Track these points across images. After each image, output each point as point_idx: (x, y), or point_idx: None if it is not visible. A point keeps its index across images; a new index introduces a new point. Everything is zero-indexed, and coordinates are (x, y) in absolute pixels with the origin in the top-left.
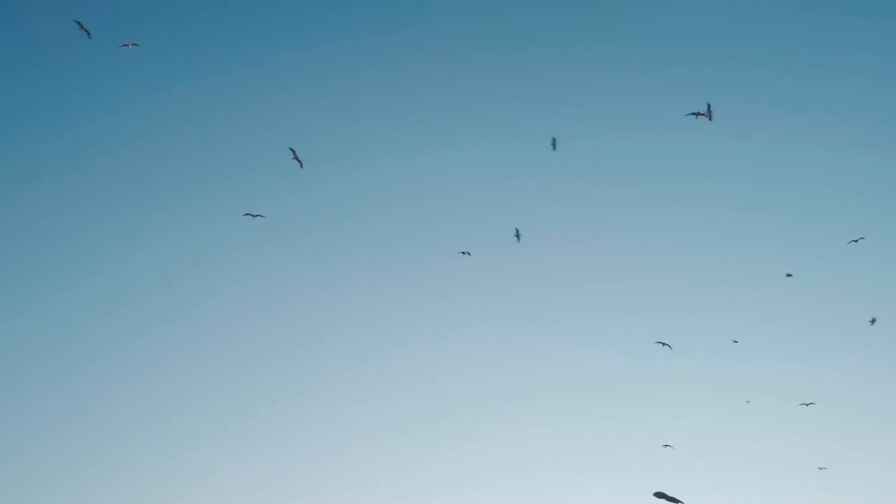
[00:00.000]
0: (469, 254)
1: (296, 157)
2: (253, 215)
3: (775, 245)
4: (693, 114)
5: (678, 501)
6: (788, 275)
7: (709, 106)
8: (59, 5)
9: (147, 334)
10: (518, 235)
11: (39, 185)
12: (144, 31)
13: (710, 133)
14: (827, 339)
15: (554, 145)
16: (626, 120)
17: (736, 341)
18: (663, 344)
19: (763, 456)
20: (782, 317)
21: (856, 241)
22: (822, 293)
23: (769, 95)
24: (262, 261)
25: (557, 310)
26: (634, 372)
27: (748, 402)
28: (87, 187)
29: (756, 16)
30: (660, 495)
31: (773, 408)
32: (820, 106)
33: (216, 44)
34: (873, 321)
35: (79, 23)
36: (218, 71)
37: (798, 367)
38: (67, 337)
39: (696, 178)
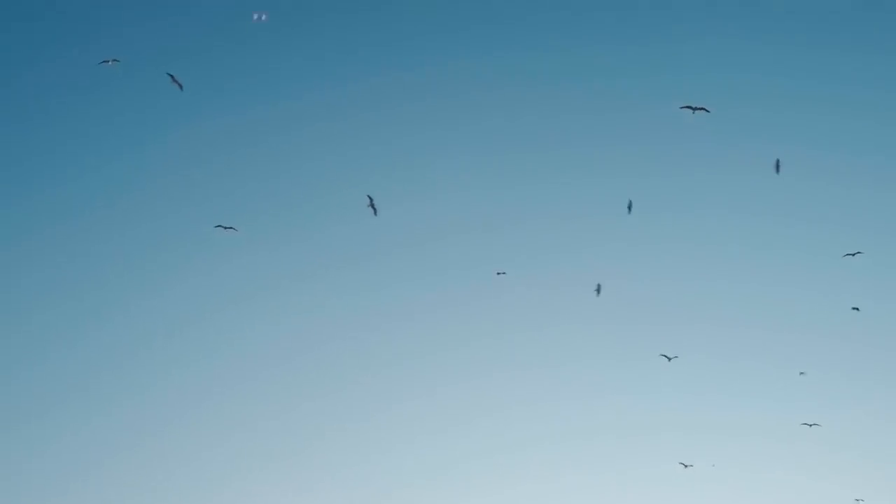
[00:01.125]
0: (505, 273)
1: (371, 205)
2: (225, 227)
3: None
4: (689, 107)
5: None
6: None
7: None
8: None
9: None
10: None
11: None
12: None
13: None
14: None
15: (630, 208)
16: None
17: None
18: (668, 358)
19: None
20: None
21: (853, 255)
22: None
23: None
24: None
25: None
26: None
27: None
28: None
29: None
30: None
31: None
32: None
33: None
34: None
35: (171, 75)
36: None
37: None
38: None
39: (705, 216)
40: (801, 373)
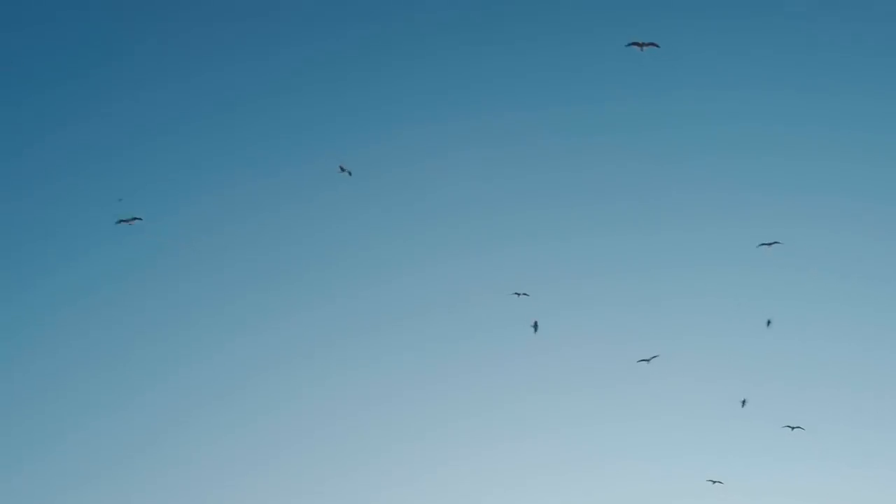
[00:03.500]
0: (527, 294)
1: (344, 170)
2: (128, 221)
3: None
4: (636, 44)
5: None
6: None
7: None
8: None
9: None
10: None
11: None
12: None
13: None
14: None
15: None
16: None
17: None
18: (647, 360)
19: None
20: None
21: (769, 244)
22: None
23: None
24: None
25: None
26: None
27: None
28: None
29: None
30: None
31: None
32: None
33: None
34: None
35: (341, 167)
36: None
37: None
38: None
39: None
40: (769, 321)
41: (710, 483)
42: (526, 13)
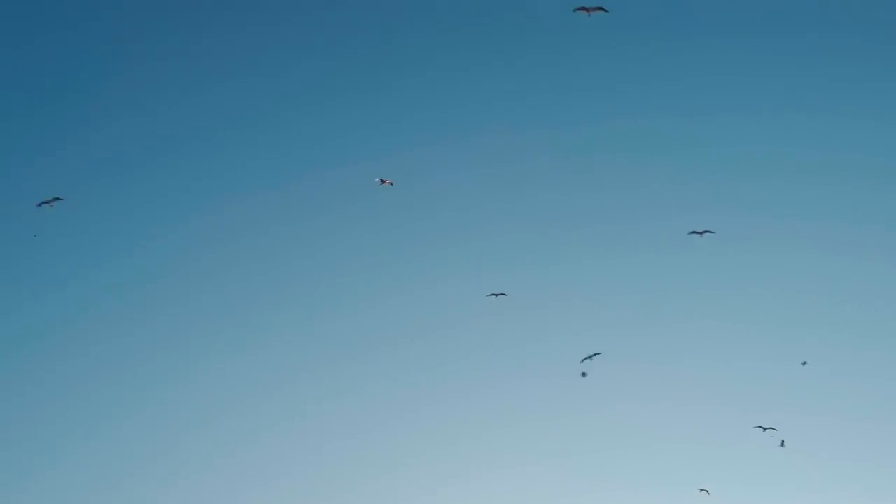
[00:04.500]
0: (505, 294)
1: (385, 182)
2: (49, 202)
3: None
4: (583, 9)
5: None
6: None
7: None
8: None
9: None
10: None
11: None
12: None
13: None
14: None
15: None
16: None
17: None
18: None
19: None
20: None
21: (700, 233)
22: None
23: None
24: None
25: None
26: None
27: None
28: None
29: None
30: None
31: None
32: None
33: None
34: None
35: (381, 179)
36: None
37: None
38: None
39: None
40: (804, 363)
41: (700, 491)
42: (523, 35)
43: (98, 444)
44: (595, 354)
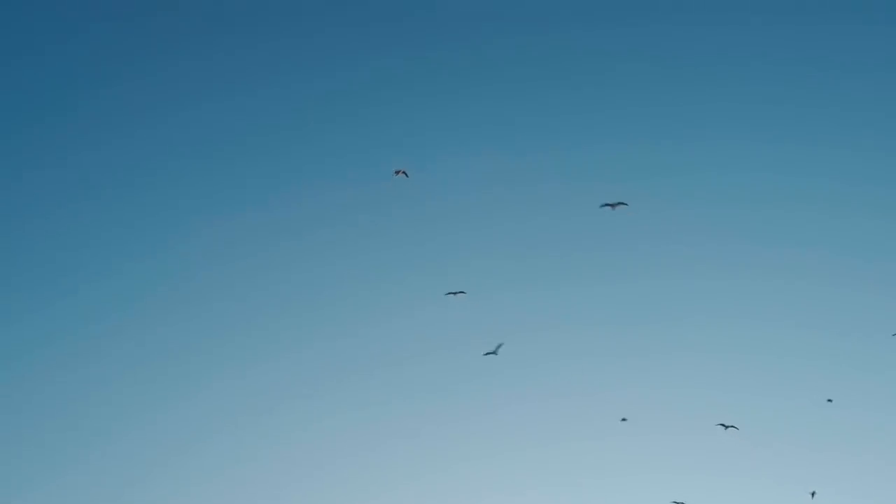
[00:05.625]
0: (463, 292)
1: (401, 172)
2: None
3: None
4: (608, 205)
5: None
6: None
7: None
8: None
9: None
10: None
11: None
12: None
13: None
14: None
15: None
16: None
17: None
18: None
19: None
20: None
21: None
22: None
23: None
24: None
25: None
26: None
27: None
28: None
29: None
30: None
31: None
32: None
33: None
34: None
35: (397, 171)
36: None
37: None
38: None
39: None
40: (829, 400)
41: None
42: (521, 62)
43: (100, 451)
44: (499, 346)
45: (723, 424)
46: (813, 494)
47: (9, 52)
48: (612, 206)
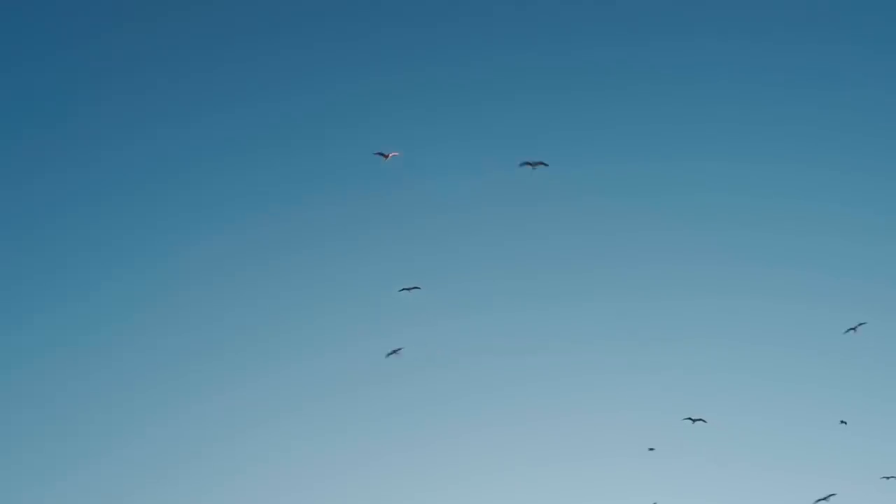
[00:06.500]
0: (418, 288)
1: (380, 154)
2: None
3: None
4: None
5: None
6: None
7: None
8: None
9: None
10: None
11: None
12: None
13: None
14: None
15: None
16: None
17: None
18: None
19: None
20: None
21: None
22: None
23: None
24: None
25: None
26: None
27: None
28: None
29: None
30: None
31: None
32: None
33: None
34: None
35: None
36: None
37: None
38: None
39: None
40: (843, 421)
41: None
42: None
43: (100, 455)
44: (397, 349)
45: (690, 418)
46: (844, 423)
47: (8, 58)
48: (532, 165)
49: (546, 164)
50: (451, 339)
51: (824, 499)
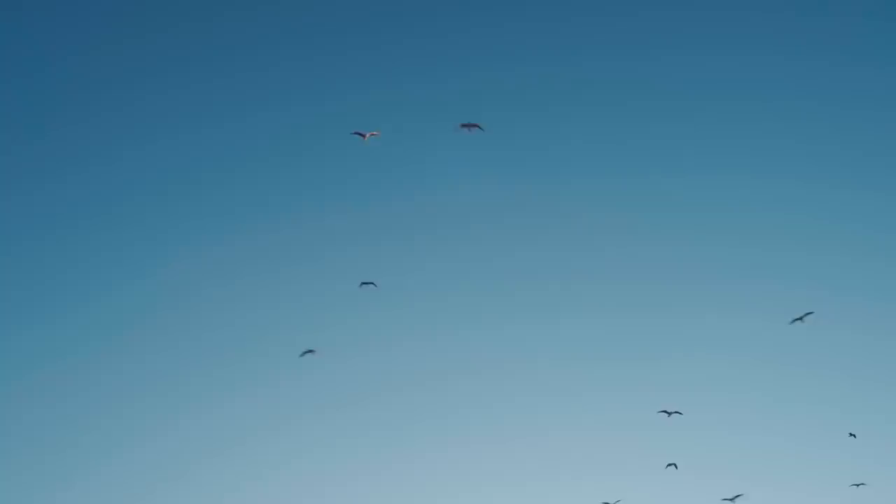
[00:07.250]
0: (374, 284)
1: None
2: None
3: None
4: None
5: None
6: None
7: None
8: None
9: None
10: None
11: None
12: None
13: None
14: None
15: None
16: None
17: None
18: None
19: None
20: None
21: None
22: None
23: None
24: None
25: None
26: None
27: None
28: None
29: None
30: None
31: None
32: None
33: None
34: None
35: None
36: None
37: None
38: None
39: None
40: (852, 434)
41: None
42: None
43: (101, 460)
44: (309, 351)
45: (665, 411)
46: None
47: (11, 64)
48: (469, 127)
49: (482, 128)
50: (459, 348)
51: (731, 499)
